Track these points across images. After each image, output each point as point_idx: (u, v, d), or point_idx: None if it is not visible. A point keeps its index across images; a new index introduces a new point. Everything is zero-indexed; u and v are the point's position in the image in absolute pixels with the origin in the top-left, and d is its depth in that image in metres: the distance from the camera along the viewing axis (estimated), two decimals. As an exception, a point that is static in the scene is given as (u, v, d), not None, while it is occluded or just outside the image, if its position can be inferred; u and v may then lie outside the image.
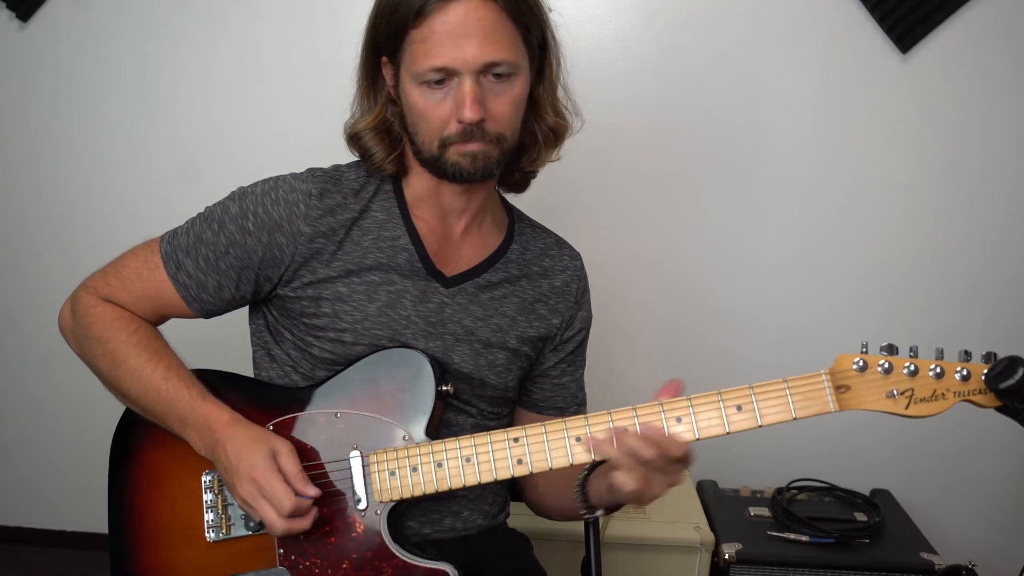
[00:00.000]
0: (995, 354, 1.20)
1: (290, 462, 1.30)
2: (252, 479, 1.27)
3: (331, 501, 1.34)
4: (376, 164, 1.43)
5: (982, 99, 2.47)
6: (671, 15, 2.53)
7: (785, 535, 2.33)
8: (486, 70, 1.30)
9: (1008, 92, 2.47)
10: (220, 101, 2.68)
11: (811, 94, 2.53)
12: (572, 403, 1.61)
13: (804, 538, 2.31)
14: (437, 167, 1.37)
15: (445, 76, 1.29)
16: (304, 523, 1.29)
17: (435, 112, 1.32)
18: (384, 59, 1.38)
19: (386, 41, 1.35)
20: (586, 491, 1.39)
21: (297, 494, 1.27)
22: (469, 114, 1.29)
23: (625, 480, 1.21)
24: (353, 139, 1.45)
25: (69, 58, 2.68)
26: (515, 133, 1.39)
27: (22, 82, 2.72)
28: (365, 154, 1.45)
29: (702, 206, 2.64)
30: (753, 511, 2.45)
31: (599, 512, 1.40)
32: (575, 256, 1.61)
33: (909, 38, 2.43)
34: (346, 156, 1.50)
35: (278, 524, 1.27)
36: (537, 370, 1.57)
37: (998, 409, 1.21)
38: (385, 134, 1.43)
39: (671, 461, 1.21)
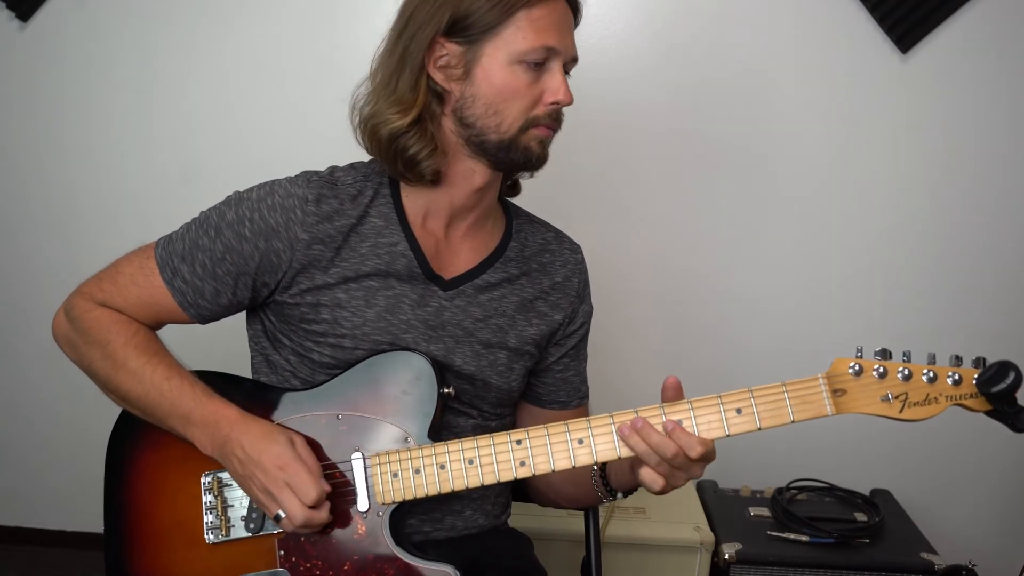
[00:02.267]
0: (984, 359, 1.22)
1: (308, 454, 1.31)
2: (280, 467, 1.27)
3: (333, 503, 1.33)
4: (420, 170, 1.37)
5: (982, 99, 2.48)
6: (671, 15, 2.53)
7: (785, 535, 2.33)
8: (569, 64, 1.38)
9: (1008, 92, 2.47)
10: (222, 101, 2.68)
11: (811, 94, 2.53)
12: (575, 396, 1.61)
13: (804, 538, 2.31)
14: (506, 150, 1.36)
15: (545, 59, 1.33)
16: (323, 515, 1.29)
17: (528, 91, 1.33)
18: (442, 39, 1.33)
19: (487, 13, 1.30)
20: (606, 475, 1.42)
21: None
22: (567, 97, 1.35)
23: (648, 475, 1.25)
24: (390, 140, 1.36)
25: (69, 58, 2.68)
26: None
27: (22, 82, 2.72)
28: (409, 160, 1.36)
29: (701, 205, 2.64)
30: (753, 511, 2.46)
31: (619, 495, 1.43)
32: (575, 249, 1.60)
33: (909, 38, 2.43)
34: (346, 157, 1.49)
35: (300, 513, 1.26)
36: (540, 365, 1.57)
37: (988, 413, 1.23)
38: (424, 131, 1.37)
39: (692, 459, 1.23)
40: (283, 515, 1.28)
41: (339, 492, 1.34)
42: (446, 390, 1.38)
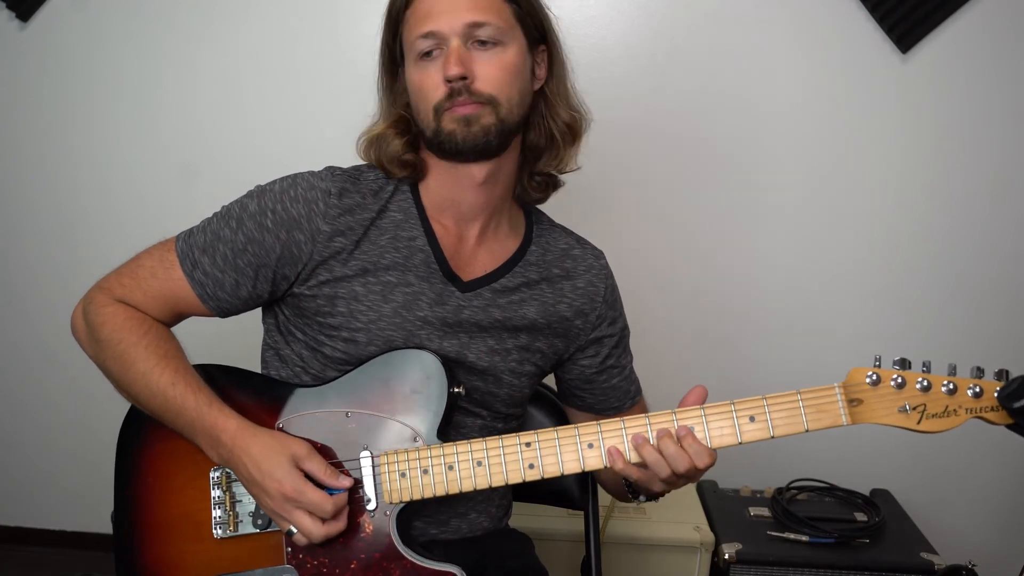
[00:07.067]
0: (1007, 372, 1.20)
1: (313, 463, 1.31)
2: (283, 496, 1.28)
3: (341, 502, 1.34)
4: (391, 155, 1.42)
5: (983, 99, 2.48)
6: (671, 16, 2.54)
7: (785, 535, 2.33)
8: (470, 33, 1.32)
9: (1008, 92, 2.47)
10: (223, 101, 2.67)
11: (811, 93, 2.53)
12: (627, 399, 1.61)
13: (804, 538, 2.31)
14: (437, 142, 1.36)
15: (435, 45, 1.33)
16: (340, 524, 1.30)
17: (428, 82, 1.34)
18: (400, 61, 1.42)
19: (392, 30, 1.39)
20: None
21: (332, 490, 1.29)
22: (451, 70, 1.31)
23: (658, 486, 1.30)
24: (371, 143, 1.45)
25: (69, 58, 2.67)
26: (511, 100, 1.36)
27: (22, 82, 2.71)
28: (382, 152, 1.43)
29: (700, 206, 2.64)
30: (753, 511, 2.46)
31: (641, 498, 1.44)
32: (599, 255, 1.59)
33: (909, 38, 2.43)
34: (350, 157, 1.49)
35: (318, 531, 1.28)
36: (583, 375, 1.57)
37: (1009, 427, 1.21)
38: (400, 132, 1.43)
39: (699, 468, 1.26)
40: (295, 531, 1.30)
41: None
42: (456, 389, 1.37)
